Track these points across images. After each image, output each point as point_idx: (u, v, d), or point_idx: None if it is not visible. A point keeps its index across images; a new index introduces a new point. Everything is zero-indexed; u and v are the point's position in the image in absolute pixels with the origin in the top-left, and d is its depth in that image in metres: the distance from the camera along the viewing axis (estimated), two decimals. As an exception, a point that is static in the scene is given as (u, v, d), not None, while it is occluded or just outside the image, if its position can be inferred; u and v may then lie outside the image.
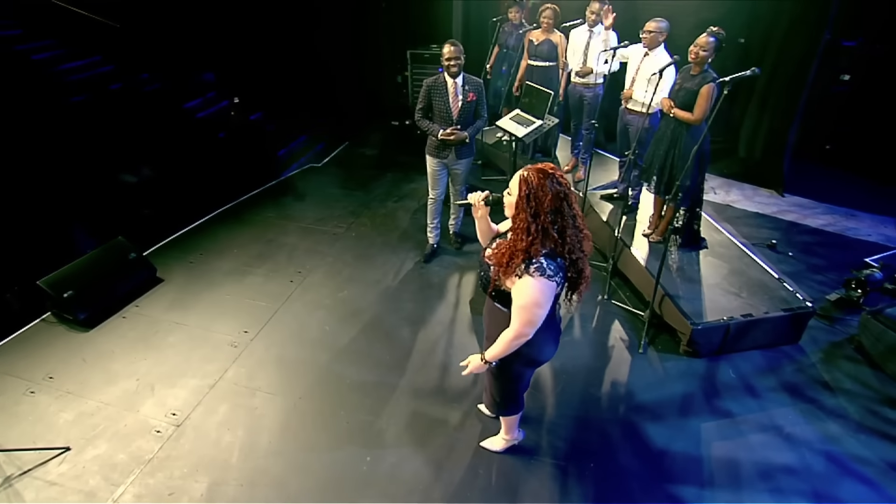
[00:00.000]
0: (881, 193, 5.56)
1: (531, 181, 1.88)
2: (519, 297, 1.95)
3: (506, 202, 2.02)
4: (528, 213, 1.88)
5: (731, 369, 3.40)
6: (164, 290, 4.12)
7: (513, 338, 2.04)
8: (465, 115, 3.97)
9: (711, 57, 3.41)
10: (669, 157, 3.63)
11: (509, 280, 1.97)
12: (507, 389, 2.43)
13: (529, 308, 1.94)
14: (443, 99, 3.91)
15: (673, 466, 2.80)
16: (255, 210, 5.28)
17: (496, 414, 2.75)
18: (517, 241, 1.91)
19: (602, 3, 4.49)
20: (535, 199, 1.87)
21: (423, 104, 3.99)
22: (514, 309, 1.99)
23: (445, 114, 3.94)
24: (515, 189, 1.93)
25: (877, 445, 2.91)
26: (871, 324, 3.39)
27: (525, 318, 1.97)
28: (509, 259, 1.93)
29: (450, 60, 3.79)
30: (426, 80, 3.98)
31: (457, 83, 3.88)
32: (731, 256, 4.06)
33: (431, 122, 4.01)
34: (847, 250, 4.60)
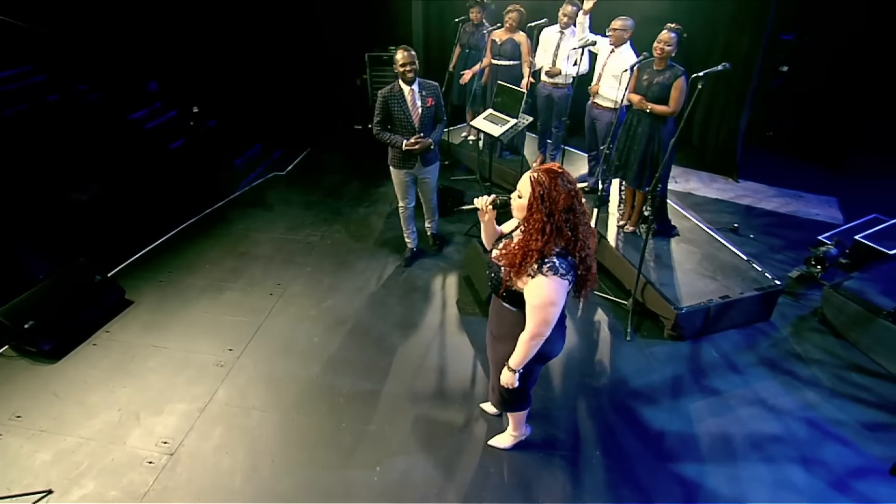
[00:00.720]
0: (823, 175, 6.01)
1: (543, 182, 1.90)
2: (533, 296, 1.98)
3: (515, 205, 2.02)
4: (543, 212, 1.90)
5: (713, 349, 3.60)
6: (135, 313, 3.91)
7: (530, 338, 2.07)
8: (426, 122, 3.88)
9: (675, 51, 3.59)
10: (650, 151, 3.79)
11: (521, 280, 2.00)
12: (518, 387, 2.46)
13: (545, 307, 1.97)
14: (401, 108, 3.79)
15: (673, 446, 2.93)
16: (223, 223, 5.09)
17: (504, 411, 2.76)
18: (531, 241, 1.93)
19: (574, 6, 4.62)
20: (550, 198, 1.89)
21: (380, 116, 3.84)
22: (530, 309, 2.01)
23: (406, 123, 3.82)
24: (527, 191, 1.94)
25: (849, 408, 3.16)
26: (833, 296, 3.67)
27: (541, 317, 2.00)
28: (522, 259, 1.95)
29: (404, 66, 3.66)
30: (380, 92, 3.82)
31: (413, 90, 3.76)
32: (701, 242, 4.29)
33: (392, 134, 3.89)
34: (800, 230, 4.94)
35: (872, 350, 3.46)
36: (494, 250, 2.19)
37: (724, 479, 2.74)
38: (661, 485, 2.71)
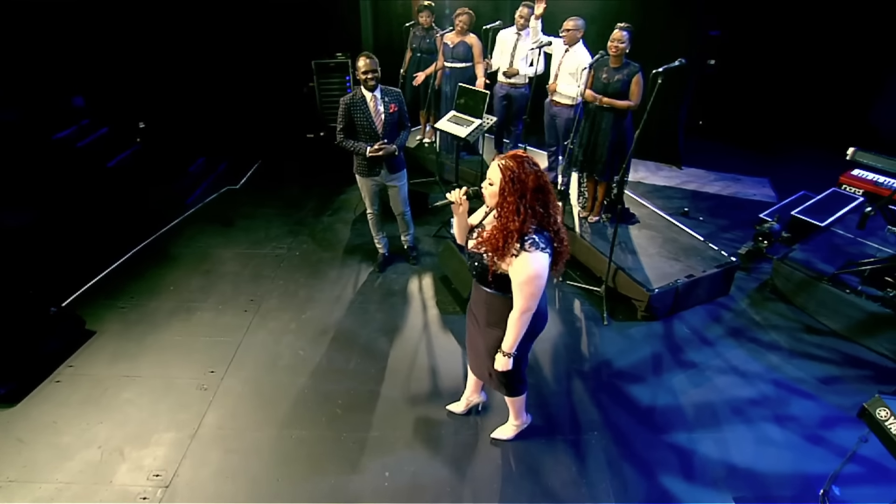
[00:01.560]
0: (753, 158, 6.57)
1: (512, 167, 2.04)
2: (519, 273, 2.08)
3: (487, 192, 2.15)
4: (515, 195, 2.03)
5: (684, 326, 3.87)
6: (100, 344, 3.68)
7: (520, 315, 2.18)
8: (390, 128, 3.87)
9: (629, 48, 3.83)
10: (616, 144, 4.02)
11: (505, 262, 2.10)
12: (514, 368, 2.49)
13: (532, 281, 2.08)
14: (364, 115, 3.77)
15: (662, 419, 3.13)
16: (180, 242, 4.87)
17: (507, 395, 2.76)
18: (508, 223, 2.05)
19: (529, 8, 4.80)
20: (520, 181, 2.03)
21: (343, 123, 3.82)
22: (516, 286, 2.12)
23: (369, 129, 3.81)
24: (497, 177, 2.07)
25: (807, 366, 3.51)
26: (782, 267, 4.05)
27: (528, 291, 2.11)
28: (504, 241, 2.06)
29: (366, 73, 3.65)
30: (342, 99, 3.81)
31: (376, 96, 3.76)
32: (660, 227, 4.59)
33: (356, 141, 3.86)
34: (741, 210, 5.38)
35: (819, 312, 3.85)
36: (471, 241, 2.29)
37: (712, 444, 2.97)
38: (658, 455, 2.90)
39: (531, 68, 4.91)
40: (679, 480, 2.77)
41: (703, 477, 2.79)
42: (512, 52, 4.94)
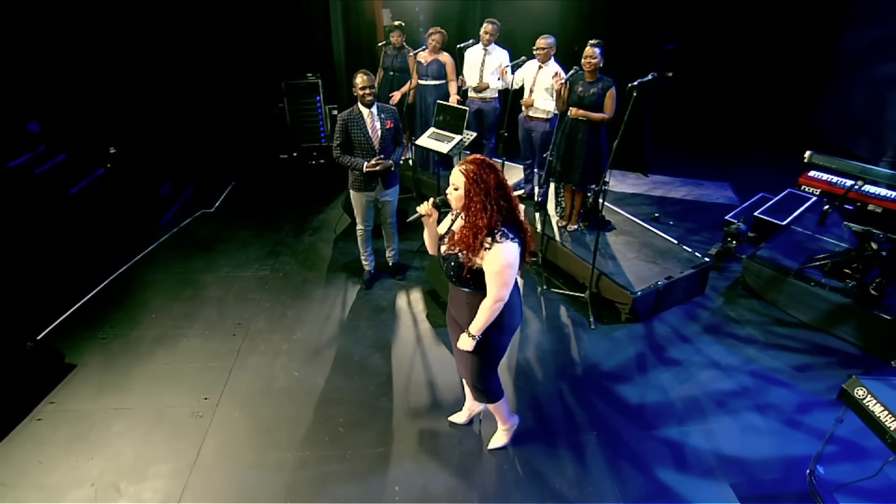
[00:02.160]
0: (713, 164, 6.96)
1: (472, 169, 2.21)
2: (493, 264, 2.22)
3: (453, 197, 2.29)
4: (480, 194, 2.18)
5: (665, 326, 4.07)
6: (82, 377, 3.57)
7: (493, 303, 2.30)
8: (386, 144, 3.99)
9: (602, 63, 4.06)
10: (593, 154, 4.23)
11: (479, 257, 2.24)
12: (488, 368, 2.61)
13: (504, 270, 2.23)
14: (361, 130, 3.89)
15: (653, 415, 3.29)
16: (157, 269, 4.78)
17: (485, 402, 2.84)
18: (477, 221, 2.20)
19: (494, 24, 5.00)
20: (483, 180, 2.19)
21: (340, 139, 3.93)
22: (491, 276, 2.25)
23: (366, 145, 3.93)
24: (461, 181, 2.22)
25: (781, 356, 3.75)
26: (752, 265, 4.32)
27: (501, 280, 2.24)
28: (474, 237, 2.21)
29: (364, 90, 3.79)
30: (340, 115, 3.94)
31: (373, 112, 3.89)
32: (635, 232, 4.82)
33: (353, 157, 3.97)
34: (707, 213, 5.71)
35: (788, 305, 4.13)
36: (443, 246, 2.42)
37: (701, 436, 3.14)
38: (654, 450, 3.05)
39: (499, 82, 5.12)
40: (676, 473, 2.92)
41: (697, 468, 2.95)
42: (480, 68, 5.12)
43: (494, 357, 2.60)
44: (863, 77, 6.89)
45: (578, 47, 6.45)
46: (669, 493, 2.80)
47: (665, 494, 2.80)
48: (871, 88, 6.77)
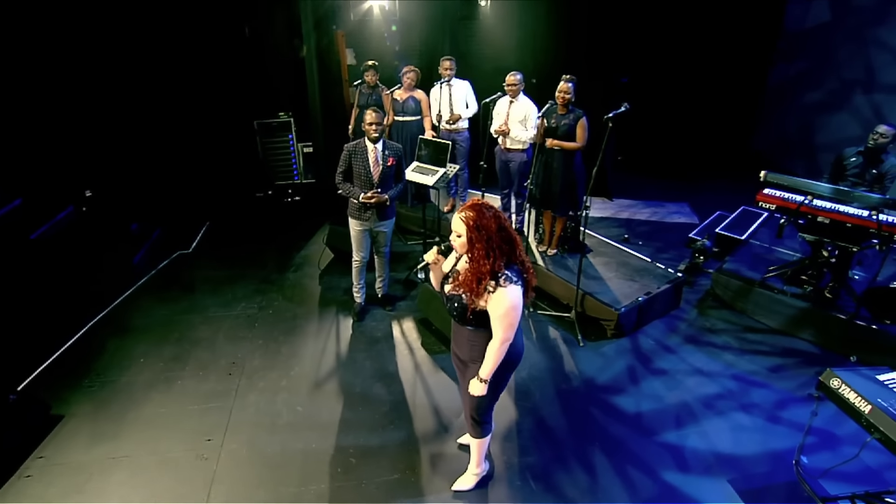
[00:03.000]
0: (672, 187, 7.49)
1: (472, 216, 2.30)
2: (497, 307, 2.32)
3: (457, 244, 2.39)
4: (483, 241, 2.28)
5: (649, 339, 4.35)
6: (71, 428, 3.45)
7: (499, 345, 2.39)
8: (386, 179, 4.17)
9: (573, 97, 4.43)
10: (567, 181, 4.54)
11: (482, 300, 2.34)
12: (488, 402, 2.69)
13: (509, 313, 2.32)
14: (363, 163, 4.09)
15: (650, 423, 3.51)
16: (139, 312, 4.68)
17: (476, 436, 2.87)
18: (480, 266, 2.29)
19: (451, 60, 5.35)
20: (484, 227, 2.28)
21: (343, 168, 4.14)
22: (496, 319, 2.34)
23: (365, 178, 4.11)
24: (462, 229, 2.32)
25: (756, 360, 4.09)
26: (721, 278, 4.71)
27: (507, 322, 2.34)
28: (478, 282, 2.30)
29: (371, 126, 3.99)
30: (346, 146, 4.15)
31: (377, 148, 4.08)
32: (611, 253, 5.15)
33: (352, 186, 4.16)
34: (671, 232, 6.14)
35: (755, 312, 4.51)
36: (447, 286, 2.53)
37: (697, 437, 3.38)
38: (655, 454, 3.25)
39: (468, 111, 5.46)
40: (678, 473, 3.13)
41: (697, 467, 3.17)
42: (449, 102, 5.43)
43: (497, 392, 2.70)
44: (791, 104, 7.69)
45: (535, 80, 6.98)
46: (676, 493, 3.00)
47: (672, 494, 3.00)
48: (798, 114, 7.56)
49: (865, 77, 6.67)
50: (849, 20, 6.83)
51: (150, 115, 6.27)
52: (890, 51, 6.40)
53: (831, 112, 7.11)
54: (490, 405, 2.75)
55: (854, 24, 6.75)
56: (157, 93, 6.30)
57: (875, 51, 6.54)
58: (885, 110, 6.41)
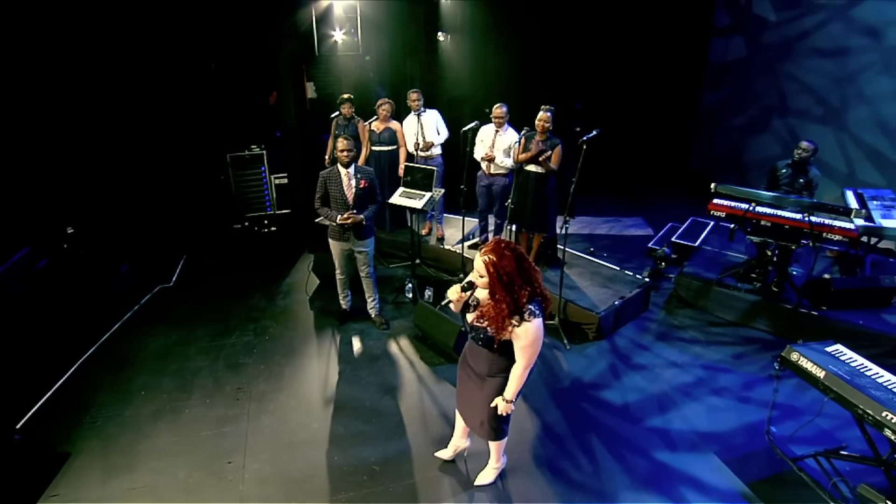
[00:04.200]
0: (626, 203, 8.16)
1: (494, 261, 2.46)
2: (524, 339, 2.51)
3: (480, 283, 2.56)
4: (503, 283, 2.45)
5: (625, 339, 4.81)
6: (81, 464, 3.43)
7: (523, 370, 2.63)
8: (360, 200, 4.48)
9: (552, 126, 4.93)
10: (539, 202, 5.00)
11: (506, 333, 2.54)
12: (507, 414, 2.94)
13: (534, 344, 2.54)
14: (338, 187, 4.41)
15: (637, 411, 3.93)
16: (130, 347, 4.65)
17: (495, 439, 3.12)
18: (507, 307, 2.47)
19: (417, 92, 5.78)
20: (505, 272, 2.45)
21: (320, 193, 4.47)
22: (521, 348, 2.55)
23: (341, 200, 4.43)
24: (484, 271, 2.49)
25: (721, 350, 4.63)
26: (682, 280, 5.29)
27: (531, 352, 2.57)
28: (503, 321, 2.50)
29: (342, 152, 4.33)
30: (321, 173, 4.49)
31: (350, 172, 4.42)
32: (582, 264, 5.64)
33: (330, 210, 4.47)
34: (630, 244, 6.74)
35: (715, 309, 5.10)
36: (469, 315, 2.72)
37: (680, 421, 3.82)
38: (646, 438, 3.66)
39: (440, 137, 5.88)
40: (669, 452, 3.54)
41: (684, 445, 3.60)
42: (420, 131, 5.83)
43: None
44: (720, 128, 8.67)
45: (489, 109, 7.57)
46: (670, 469, 3.40)
47: (667, 470, 3.39)
48: (727, 136, 8.54)
49: (780, 103, 7.69)
50: (761, 55, 7.88)
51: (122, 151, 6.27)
52: (797, 81, 7.45)
53: (755, 134, 8.10)
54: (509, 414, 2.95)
55: (765, 59, 7.79)
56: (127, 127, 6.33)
57: (785, 81, 7.58)
58: (798, 131, 7.40)
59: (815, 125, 7.19)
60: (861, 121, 6.74)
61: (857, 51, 6.68)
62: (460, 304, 2.73)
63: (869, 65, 6.59)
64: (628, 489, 3.25)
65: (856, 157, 6.81)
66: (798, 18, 7.30)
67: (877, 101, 6.55)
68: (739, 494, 3.22)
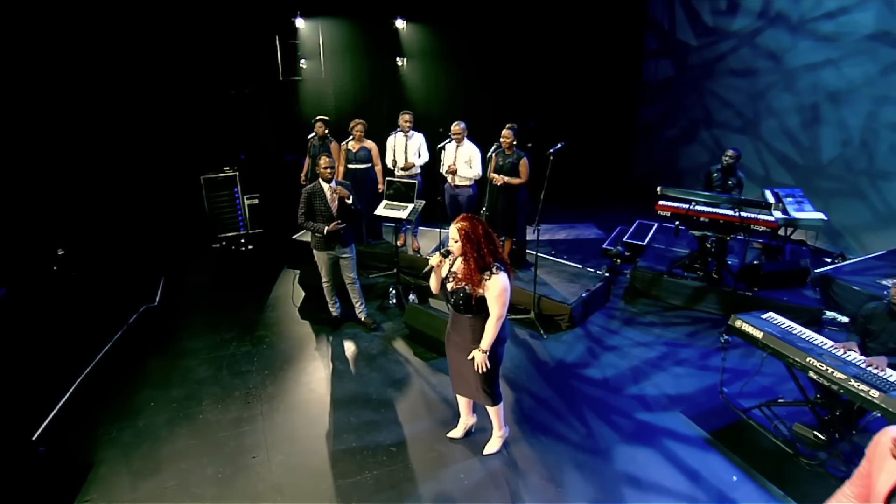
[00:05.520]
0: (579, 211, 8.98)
1: (465, 226, 3.09)
2: (494, 289, 3.08)
3: (454, 248, 3.17)
4: (473, 242, 3.07)
5: (595, 326, 5.47)
6: (106, 471, 3.58)
7: (496, 320, 3.15)
8: (342, 211, 4.92)
9: (515, 141, 5.57)
10: (510, 211, 5.62)
11: (481, 287, 3.13)
12: (493, 374, 3.47)
13: (503, 293, 3.10)
14: (322, 201, 4.83)
15: (616, 383, 4.55)
16: (128, 364, 4.76)
17: (492, 404, 3.63)
18: (475, 263, 3.07)
19: (409, 114, 6.30)
20: (474, 233, 3.08)
21: (304, 209, 4.85)
22: (492, 300, 3.09)
23: (326, 212, 4.84)
24: (457, 235, 3.11)
25: (676, 329, 5.38)
26: (637, 273, 6.06)
27: (502, 301, 3.10)
28: (476, 274, 3.10)
29: (325, 169, 4.78)
30: (305, 189, 4.90)
31: (332, 187, 4.85)
32: (549, 264, 6.29)
33: (315, 223, 4.86)
34: (587, 246, 7.49)
35: (667, 296, 5.87)
36: (448, 285, 3.32)
37: (652, 388, 4.48)
38: (626, 404, 4.27)
39: (420, 159, 6.41)
40: (647, 413, 4.17)
41: (657, 407, 4.24)
42: (404, 151, 6.34)
43: (498, 363, 3.50)
44: (656, 140, 9.76)
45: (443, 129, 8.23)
46: (649, 426, 4.02)
47: (646, 427, 4.01)
48: (663, 148, 9.62)
49: (705, 117, 8.83)
50: (687, 75, 9.03)
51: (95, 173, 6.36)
52: (718, 97, 8.60)
53: (686, 144, 9.21)
54: (496, 376, 3.50)
55: (691, 78, 8.95)
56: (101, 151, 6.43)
57: (708, 97, 8.73)
58: (722, 140, 8.53)
59: (736, 135, 8.32)
60: (771, 131, 7.90)
61: (764, 72, 7.87)
62: (440, 269, 3.33)
63: (773, 83, 7.78)
64: (618, 444, 3.84)
65: (770, 162, 7.96)
66: (715, 43, 8.48)
67: (782, 114, 7.72)
68: (704, 440, 3.88)
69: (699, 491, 3.45)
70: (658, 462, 3.69)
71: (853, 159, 6.90)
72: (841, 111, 6.97)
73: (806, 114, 7.38)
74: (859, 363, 3.37)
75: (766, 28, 7.75)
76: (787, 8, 7.42)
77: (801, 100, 7.42)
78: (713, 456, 3.74)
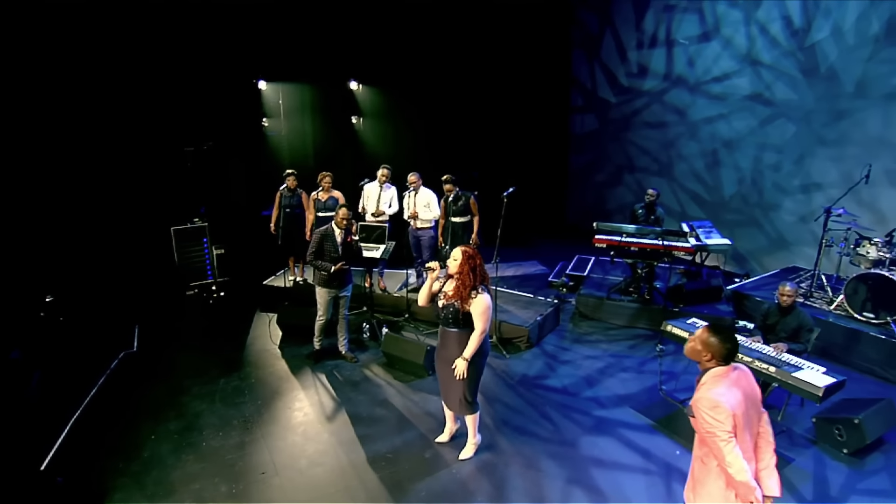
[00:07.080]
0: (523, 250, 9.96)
1: (468, 251, 3.85)
2: (479, 306, 3.79)
3: (452, 265, 3.85)
4: (469, 266, 3.80)
5: (550, 345, 6.29)
6: (123, 497, 3.88)
7: (480, 334, 3.84)
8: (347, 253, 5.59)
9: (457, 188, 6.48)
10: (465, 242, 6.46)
11: (468, 304, 3.89)
12: (474, 384, 4.17)
13: (486, 311, 3.84)
14: (333, 244, 5.48)
15: (574, 389, 5.34)
16: (119, 406, 5.00)
17: (469, 413, 4.27)
18: (468, 282, 3.81)
19: (388, 168, 7.08)
20: (473, 257, 3.83)
21: (315, 249, 5.47)
22: (477, 316, 3.80)
23: (334, 254, 5.48)
24: (459, 256, 3.84)
25: (619, 344, 6.30)
26: (581, 300, 7.01)
27: (485, 318, 3.84)
28: (466, 292, 3.82)
29: (344, 220, 5.47)
30: (318, 230, 5.56)
31: (342, 232, 5.53)
32: (504, 296, 7.12)
33: (322, 262, 5.47)
34: (533, 280, 8.41)
35: (609, 318, 6.84)
36: (440, 301, 4.07)
37: (604, 390, 5.31)
38: (584, 405, 5.06)
39: (391, 209, 7.17)
40: (603, 409, 4.97)
41: (611, 406, 5.05)
42: (377, 199, 7.08)
43: (479, 375, 4.20)
44: (586, 185, 11.10)
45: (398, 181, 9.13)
46: (605, 420, 4.82)
47: (603, 421, 4.80)
48: (592, 191, 10.96)
49: (628, 163, 10.26)
50: (609, 127, 10.51)
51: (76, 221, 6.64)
52: (637, 146, 10.07)
53: (613, 187, 10.58)
54: (476, 388, 4.19)
55: (613, 130, 10.42)
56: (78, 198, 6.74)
57: (629, 146, 10.18)
58: (643, 182, 9.90)
59: (655, 177, 9.74)
60: (683, 173, 9.36)
61: (672, 124, 9.40)
62: (430, 286, 4.02)
63: (681, 133, 9.30)
64: (582, 435, 4.59)
65: (684, 199, 9.37)
66: (631, 101, 10.02)
67: (690, 158, 9.21)
68: (650, 427, 4.72)
69: (651, 465, 4.25)
70: (615, 446, 4.47)
71: (748, 194, 8.37)
72: (734, 155, 8.49)
73: (708, 158, 8.88)
74: (761, 349, 4.38)
75: (670, 88, 9.32)
76: (685, 72, 9.03)
77: (703, 147, 8.93)
78: (659, 438, 4.57)
